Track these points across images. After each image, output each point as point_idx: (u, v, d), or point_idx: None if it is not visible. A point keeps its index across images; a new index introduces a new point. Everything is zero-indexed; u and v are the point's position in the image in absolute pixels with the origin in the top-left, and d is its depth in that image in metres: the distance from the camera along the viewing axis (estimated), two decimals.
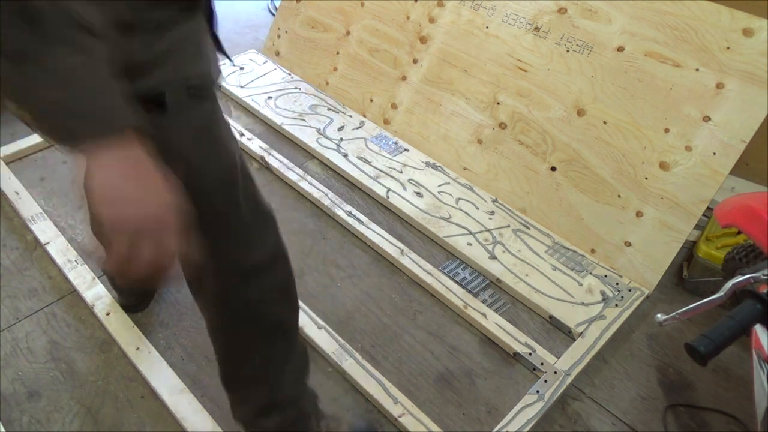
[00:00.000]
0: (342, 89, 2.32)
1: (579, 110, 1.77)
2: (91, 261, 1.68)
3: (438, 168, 2.03)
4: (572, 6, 1.79)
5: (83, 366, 1.45)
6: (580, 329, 1.55)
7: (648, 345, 1.60)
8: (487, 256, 1.74)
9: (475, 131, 1.98)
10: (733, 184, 1.91)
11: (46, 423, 1.33)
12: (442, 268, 1.72)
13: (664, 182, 1.64)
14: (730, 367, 1.54)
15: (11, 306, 1.57)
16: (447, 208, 1.89)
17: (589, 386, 1.49)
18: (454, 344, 1.55)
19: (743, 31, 1.53)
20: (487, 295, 1.67)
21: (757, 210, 1.07)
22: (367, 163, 2.04)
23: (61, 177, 1.96)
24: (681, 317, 1.07)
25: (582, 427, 1.40)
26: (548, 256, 1.74)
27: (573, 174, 1.79)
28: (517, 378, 1.48)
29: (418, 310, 1.63)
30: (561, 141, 1.81)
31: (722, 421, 1.43)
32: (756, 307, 0.84)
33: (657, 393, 1.48)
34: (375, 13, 2.22)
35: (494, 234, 1.81)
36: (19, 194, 1.85)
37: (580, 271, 1.70)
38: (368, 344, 1.53)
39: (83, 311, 1.57)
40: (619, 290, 1.65)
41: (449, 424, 1.37)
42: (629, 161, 1.69)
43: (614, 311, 1.59)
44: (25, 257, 1.71)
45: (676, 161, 1.62)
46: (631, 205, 1.69)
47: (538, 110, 1.85)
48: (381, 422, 1.36)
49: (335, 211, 1.87)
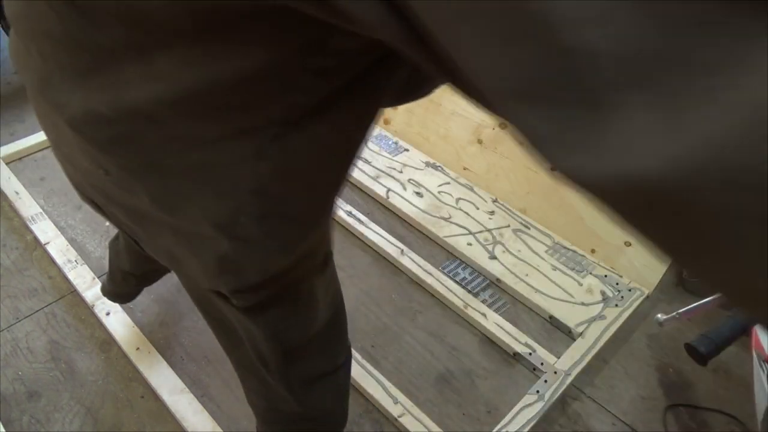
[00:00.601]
0: None
1: None
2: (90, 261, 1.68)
3: (438, 168, 2.03)
4: None
5: (83, 366, 1.45)
6: (580, 329, 1.55)
7: (648, 345, 1.60)
8: (487, 256, 1.74)
9: (476, 131, 1.98)
10: None
11: (46, 423, 1.33)
12: (442, 268, 1.72)
13: None
14: (730, 367, 1.54)
15: (11, 306, 1.57)
16: (447, 208, 1.89)
17: (589, 386, 1.49)
18: (454, 344, 1.55)
19: None
20: (487, 295, 1.67)
21: None
22: (367, 163, 2.04)
23: (61, 177, 1.94)
24: (681, 317, 1.08)
25: (582, 427, 1.40)
26: (548, 256, 1.74)
27: None
28: (517, 378, 1.48)
29: (418, 310, 1.63)
30: None
31: (722, 421, 1.43)
32: None
33: (657, 393, 1.48)
34: None
35: (494, 234, 1.81)
36: (19, 194, 1.85)
37: (580, 271, 1.70)
38: (368, 344, 1.53)
39: (83, 311, 1.57)
40: (619, 290, 1.65)
41: (449, 424, 1.37)
42: None
43: (614, 311, 1.59)
44: (25, 257, 1.71)
45: None
46: None
47: None
48: (381, 422, 1.36)
49: (335, 211, 1.86)
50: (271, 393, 0.91)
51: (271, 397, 0.93)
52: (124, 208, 0.62)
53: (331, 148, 0.54)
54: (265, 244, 0.58)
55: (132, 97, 0.45)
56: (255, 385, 0.94)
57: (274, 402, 0.94)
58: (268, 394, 0.93)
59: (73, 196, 1.88)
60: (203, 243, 0.58)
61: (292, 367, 0.84)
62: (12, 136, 2.11)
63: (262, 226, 0.55)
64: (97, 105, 0.48)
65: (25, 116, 2.23)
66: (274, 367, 0.83)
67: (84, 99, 0.48)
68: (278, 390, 0.88)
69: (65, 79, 0.49)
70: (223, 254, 0.58)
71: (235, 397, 1.39)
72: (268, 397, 0.94)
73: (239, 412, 1.37)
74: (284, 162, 0.50)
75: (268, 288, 0.66)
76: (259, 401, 0.99)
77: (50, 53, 0.50)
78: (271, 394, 0.91)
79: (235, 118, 0.46)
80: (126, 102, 0.46)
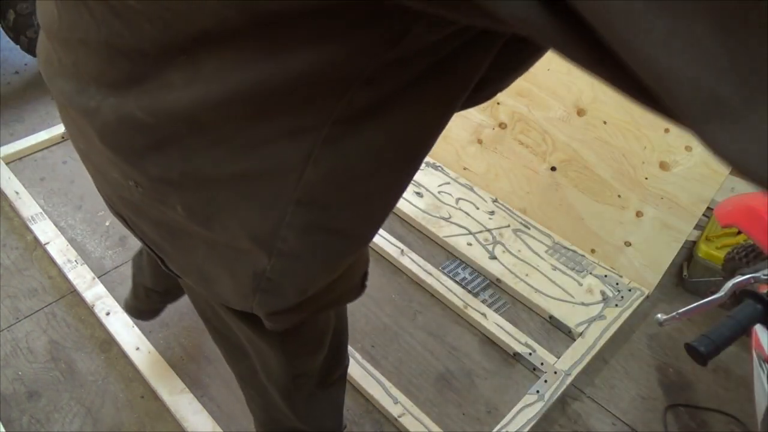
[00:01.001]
0: None
1: (579, 110, 1.77)
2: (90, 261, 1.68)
3: (438, 168, 2.03)
4: None
5: (83, 366, 1.45)
6: (580, 329, 1.55)
7: (648, 345, 1.60)
8: (487, 256, 1.74)
9: (475, 131, 1.98)
10: (733, 184, 1.91)
11: (46, 423, 1.33)
12: (442, 268, 1.72)
13: (664, 182, 1.64)
14: (730, 367, 1.54)
15: (11, 306, 1.57)
16: (447, 208, 1.89)
17: (589, 386, 1.49)
18: (454, 344, 1.55)
19: None
20: (487, 295, 1.67)
21: (757, 210, 1.07)
22: None
23: (61, 177, 1.96)
24: (681, 317, 1.07)
25: (582, 427, 1.40)
26: (548, 256, 1.74)
27: (573, 174, 1.79)
28: (517, 378, 1.48)
29: (418, 310, 1.63)
30: (561, 141, 1.81)
31: (722, 421, 1.43)
32: (756, 307, 0.84)
33: (657, 393, 1.48)
34: None
35: (494, 234, 1.81)
36: (19, 194, 1.85)
37: (580, 271, 1.70)
38: (368, 344, 1.53)
39: (83, 311, 1.57)
40: (619, 290, 1.65)
41: (449, 424, 1.37)
42: (629, 161, 1.69)
43: (614, 311, 1.59)
44: (25, 257, 1.71)
45: (676, 161, 1.62)
46: (631, 205, 1.69)
47: (538, 110, 1.85)
48: (381, 422, 1.37)
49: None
50: (271, 408, 0.89)
51: (271, 412, 0.92)
52: (153, 222, 0.58)
53: (391, 153, 0.48)
54: (306, 261, 0.53)
55: (173, 100, 0.43)
56: (255, 397, 0.93)
57: (273, 414, 0.92)
58: (268, 408, 0.91)
59: (73, 196, 1.88)
60: (239, 258, 0.53)
61: (299, 388, 0.82)
62: (12, 136, 2.11)
63: (305, 239, 0.50)
64: (132, 110, 0.45)
65: (25, 116, 2.24)
66: (281, 386, 0.80)
67: (118, 105, 0.46)
68: (279, 406, 0.86)
69: (100, 87, 0.47)
70: (261, 271, 0.53)
71: (235, 397, 1.39)
72: (268, 410, 0.93)
73: (239, 412, 1.37)
74: (336, 168, 0.46)
75: (305, 310, 0.61)
76: (259, 412, 0.98)
77: (84, 62, 0.47)
78: (272, 409, 0.89)
79: (287, 118, 0.43)
80: (166, 105, 0.43)
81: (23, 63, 2.53)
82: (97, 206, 1.87)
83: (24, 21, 2.24)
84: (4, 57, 2.57)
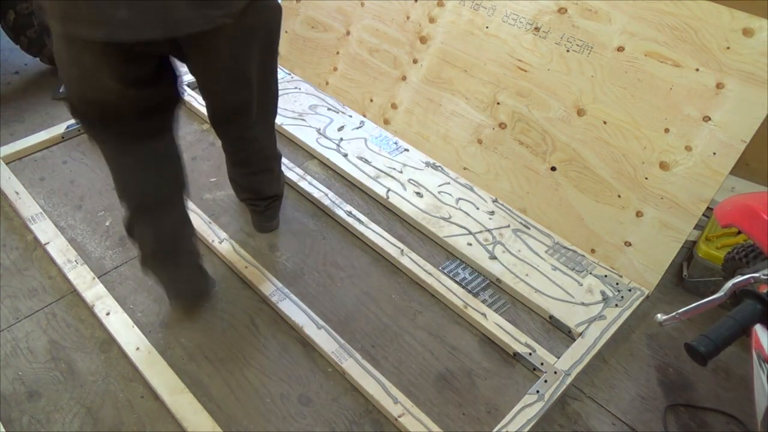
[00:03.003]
0: (342, 89, 2.32)
1: (579, 110, 1.77)
2: (90, 262, 1.68)
3: (438, 168, 2.03)
4: (572, 6, 1.79)
5: (83, 366, 1.45)
6: (580, 329, 1.55)
7: (648, 345, 1.60)
8: (487, 256, 1.74)
9: (475, 131, 1.98)
10: (733, 184, 1.91)
11: (46, 423, 1.33)
12: (442, 268, 1.72)
13: (664, 182, 1.64)
14: (730, 367, 1.54)
15: (11, 306, 1.57)
16: (447, 208, 1.89)
17: (589, 386, 1.49)
18: (454, 344, 1.55)
19: (743, 31, 1.52)
20: (487, 295, 1.67)
21: (757, 210, 1.07)
22: (367, 163, 2.04)
23: (61, 177, 1.96)
24: (681, 317, 1.08)
25: (582, 427, 1.40)
26: (548, 256, 1.74)
27: (573, 174, 1.79)
28: (517, 378, 1.48)
29: (418, 310, 1.63)
30: (561, 141, 1.81)
31: (722, 421, 1.43)
32: (756, 307, 0.85)
33: (657, 393, 1.48)
34: (375, 13, 2.22)
35: (494, 234, 1.81)
36: (19, 194, 1.85)
37: (580, 271, 1.70)
38: (368, 344, 1.53)
39: (83, 311, 1.57)
40: (619, 290, 1.65)
41: (449, 424, 1.38)
42: (629, 161, 1.69)
43: (614, 311, 1.59)
44: (25, 257, 1.71)
45: (676, 161, 1.62)
46: (631, 205, 1.69)
47: (538, 110, 1.85)
48: (381, 422, 1.37)
49: (335, 211, 1.87)
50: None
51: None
52: None
53: None
54: None
55: None
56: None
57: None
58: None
59: (73, 196, 1.88)
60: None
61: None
62: (12, 136, 2.11)
63: None
64: None
65: (25, 116, 2.24)
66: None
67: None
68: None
69: None
70: None
71: (235, 398, 1.40)
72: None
73: (239, 412, 1.37)
74: None
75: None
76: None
77: None
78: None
79: None
80: None
81: (23, 63, 2.53)
82: (97, 206, 1.87)
83: (24, 21, 2.25)
84: (4, 57, 2.57)
